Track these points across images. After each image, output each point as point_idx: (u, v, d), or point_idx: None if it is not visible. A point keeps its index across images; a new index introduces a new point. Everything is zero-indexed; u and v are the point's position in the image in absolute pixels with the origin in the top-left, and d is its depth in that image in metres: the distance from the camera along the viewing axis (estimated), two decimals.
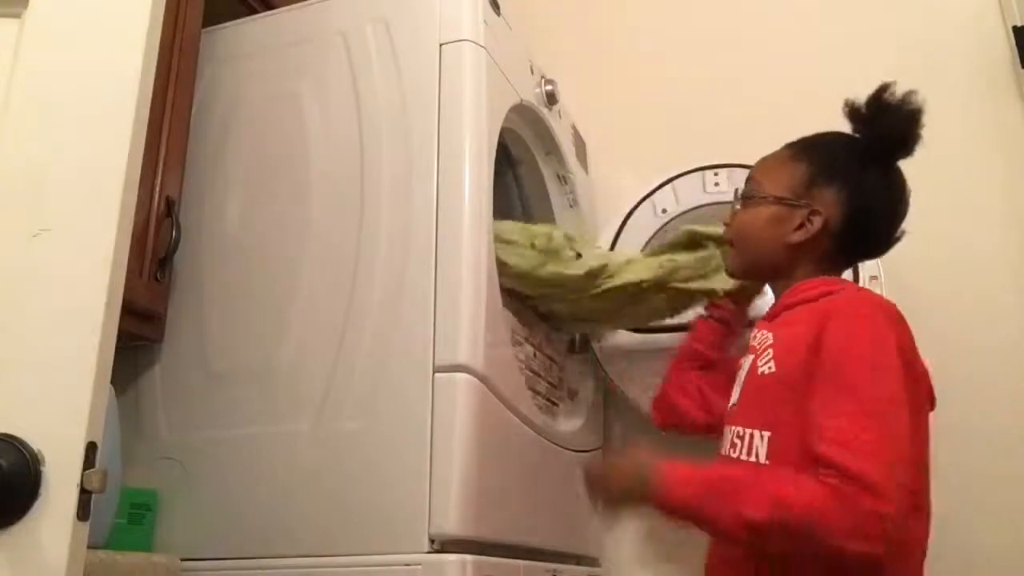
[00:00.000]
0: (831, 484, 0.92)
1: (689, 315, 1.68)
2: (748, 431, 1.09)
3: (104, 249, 0.83)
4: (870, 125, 1.15)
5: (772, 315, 1.19)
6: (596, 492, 1.22)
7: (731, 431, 1.13)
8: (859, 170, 1.16)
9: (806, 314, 1.09)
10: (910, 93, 1.13)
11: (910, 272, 1.62)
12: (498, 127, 1.41)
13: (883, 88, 1.14)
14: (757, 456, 1.06)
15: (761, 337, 1.15)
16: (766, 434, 1.06)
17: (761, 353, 1.12)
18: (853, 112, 1.16)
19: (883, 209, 1.17)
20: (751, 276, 1.27)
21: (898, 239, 1.19)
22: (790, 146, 1.23)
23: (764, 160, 1.24)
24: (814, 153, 1.19)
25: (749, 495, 0.97)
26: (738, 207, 1.23)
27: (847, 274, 1.50)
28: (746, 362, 1.17)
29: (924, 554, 1.05)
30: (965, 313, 1.73)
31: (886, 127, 1.14)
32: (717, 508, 0.99)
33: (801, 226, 1.15)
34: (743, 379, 1.16)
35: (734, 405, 1.17)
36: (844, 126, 1.19)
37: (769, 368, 1.08)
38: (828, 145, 1.20)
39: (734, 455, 1.10)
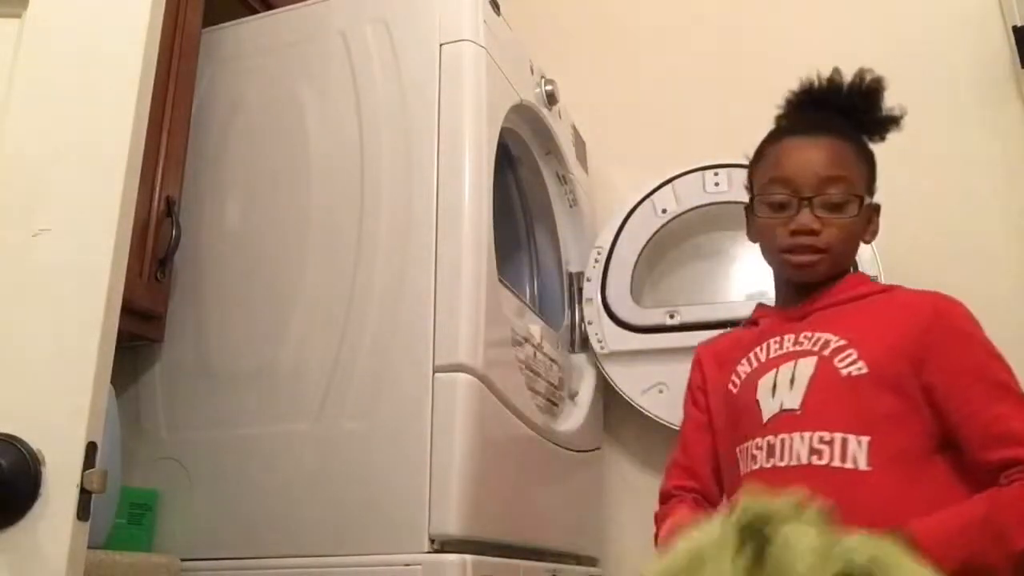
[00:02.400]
0: None
1: (687, 316, 1.69)
2: (839, 435, 1.03)
3: (104, 249, 0.83)
4: (863, 111, 1.15)
5: (806, 314, 1.15)
6: None
7: (807, 437, 1.04)
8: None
9: (888, 315, 1.08)
10: (862, 71, 1.15)
11: (910, 272, 1.62)
12: (498, 127, 1.41)
13: (860, 75, 1.15)
14: (855, 462, 1.01)
15: (815, 339, 1.10)
16: (864, 439, 1.01)
17: (835, 354, 1.07)
18: (846, 102, 1.16)
19: None
20: (821, 280, 1.16)
21: None
22: (844, 136, 1.15)
23: (840, 155, 1.13)
24: (862, 142, 1.16)
25: (1014, 530, 0.93)
26: (824, 214, 1.11)
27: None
28: (804, 365, 1.09)
29: None
30: None
31: (877, 108, 1.15)
32: (987, 554, 0.93)
33: (870, 222, 1.14)
34: (809, 382, 1.07)
35: (796, 410, 1.07)
36: None
37: (858, 369, 1.04)
38: (856, 132, 1.17)
39: (820, 462, 1.03)
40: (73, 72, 0.90)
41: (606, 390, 1.77)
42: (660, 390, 1.68)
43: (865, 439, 1.01)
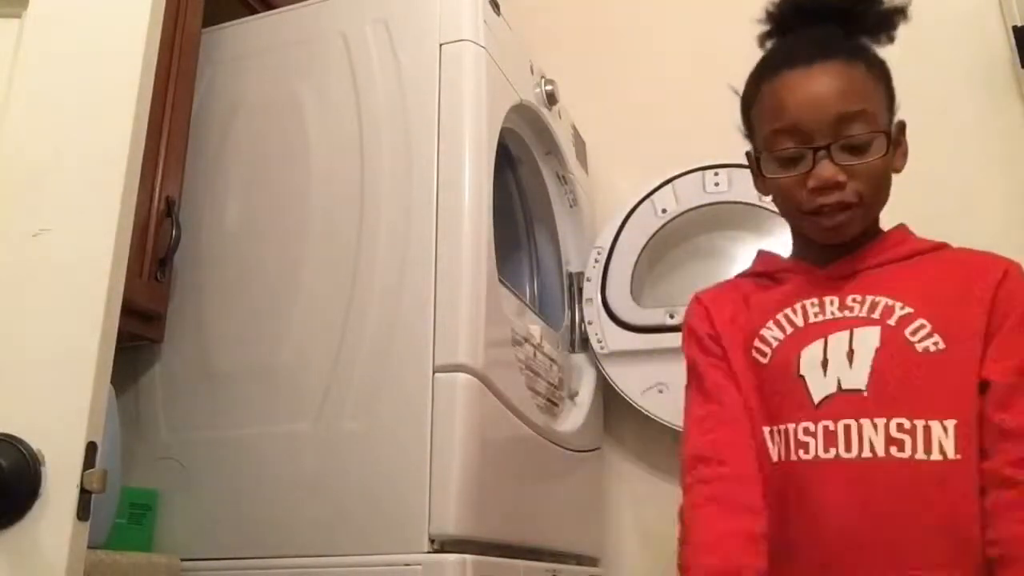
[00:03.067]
0: None
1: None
2: (922, 422, 0.88)
3: (104, 249, 0.83)
4: (863, 7, 1.00)
5: (850, 272, 0.98)
6: None
7: (880, 424, 0.89)
8: None
9: (953, 279, 0.95)
10: None
11: None
12: (498, 127, 1.41)
13: None
14: (943, 452, 0.87)
15: (870, 303, 0.94)
16: (950, 422, 0.88)
17: (903, 324, 0.92)
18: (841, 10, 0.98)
19: None
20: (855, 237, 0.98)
21: None
22: (852, 55, 0.96)
23: (853, 82, 0.94)
24: (871, 56, 0.97)
25: None
26: (846, 160, 0.92)
27: None
28: (865, 336, 0.93)
29: None
30: None
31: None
32: None
33: (899, 145, 0.97)
34: (875, 357, 0.92)
35: (860, 391, 0.91)
36: None
37: (935, 345, 0.90)
38: (861, 46, 0.99)
39: (901, 454, 0.88)
40: (73, 72, 0.90)
41: (606, 390, 1.77)
42: (660, 390, 1.68)
43: (951, 423, 0.88)
